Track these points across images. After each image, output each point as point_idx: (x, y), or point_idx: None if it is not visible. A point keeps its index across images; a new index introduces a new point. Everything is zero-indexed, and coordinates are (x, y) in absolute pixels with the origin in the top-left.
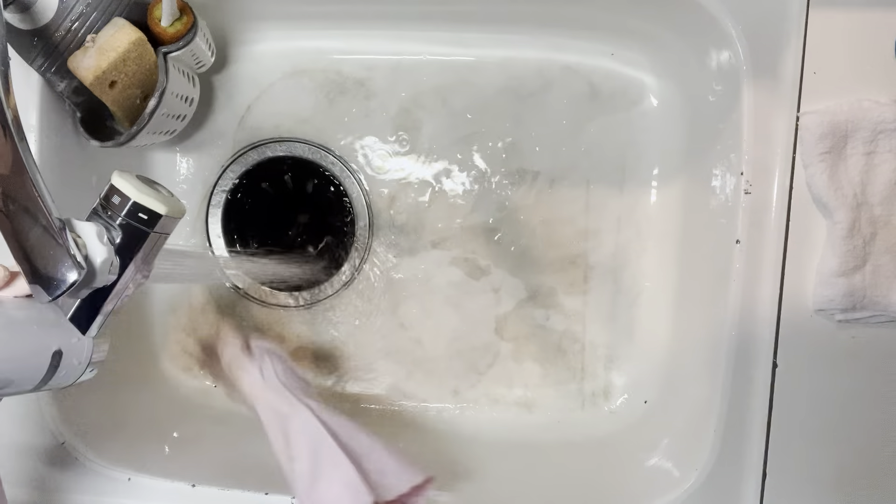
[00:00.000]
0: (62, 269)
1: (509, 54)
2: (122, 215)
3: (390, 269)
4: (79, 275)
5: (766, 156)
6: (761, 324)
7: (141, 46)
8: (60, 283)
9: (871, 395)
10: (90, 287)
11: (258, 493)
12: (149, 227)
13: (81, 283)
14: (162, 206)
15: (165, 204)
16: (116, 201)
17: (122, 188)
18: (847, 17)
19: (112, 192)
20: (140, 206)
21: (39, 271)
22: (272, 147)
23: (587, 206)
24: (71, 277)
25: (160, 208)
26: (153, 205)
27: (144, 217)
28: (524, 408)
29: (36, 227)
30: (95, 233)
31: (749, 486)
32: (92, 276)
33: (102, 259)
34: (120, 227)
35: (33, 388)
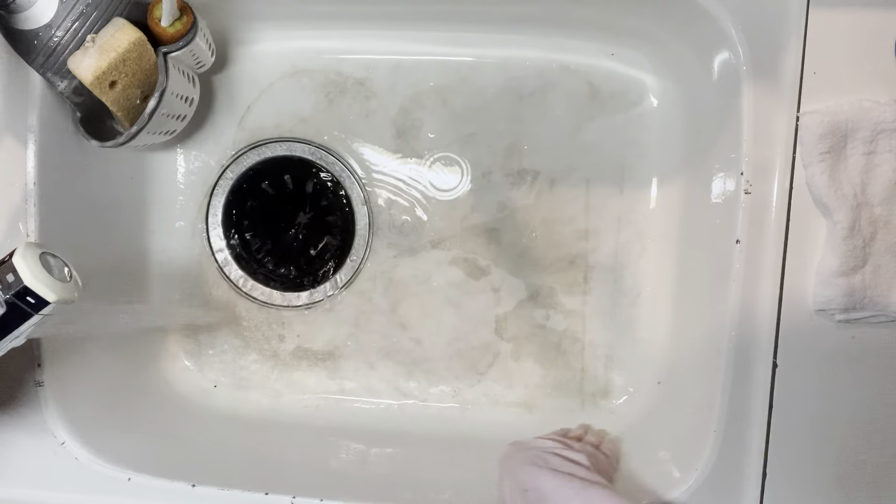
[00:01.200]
0: None
1: (509, 54)
2: (10, 294)
3: (390, 269)
4: None
5: (766, 156)
6: (761, 324)
7: (141, 46)
8: None
9: (871, 395)
10: None
11: (258, 493)
12: (34, 311)
13: None
14: (52, 293)
15: (56, 292)
16: (10, 279)
17: (18, 268)
18: (847, 17)
19: (8, 268)
20: (30, 291)
21: None
22: (272, 147)
23: (587, 206)
24: None
25: (49, 296)
26: (43, 292)
27: (32, 301)
28: (524, 408)
29: None
30: None
31: (749, 486)
32: None
33: None
34: (5, 303)
35: None
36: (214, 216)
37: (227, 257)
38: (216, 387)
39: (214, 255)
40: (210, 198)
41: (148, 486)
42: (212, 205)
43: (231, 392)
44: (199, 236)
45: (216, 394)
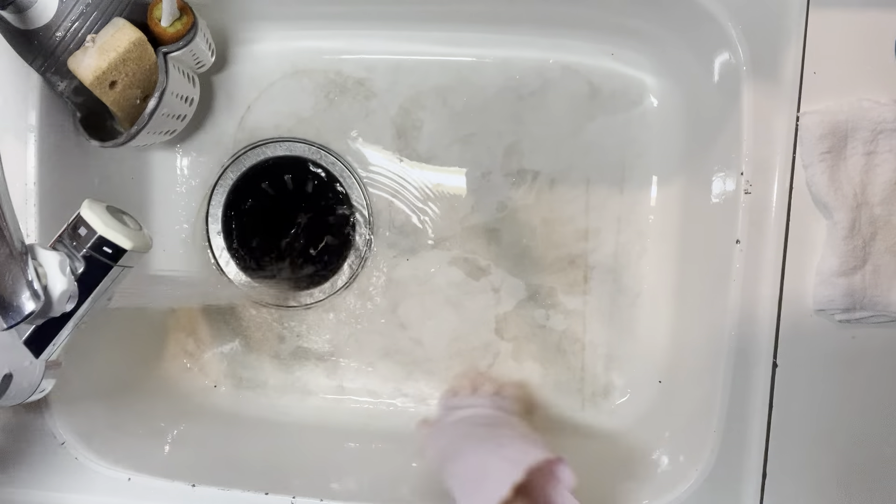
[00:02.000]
0: (20, 298)
1: (509, 54)
2: (86, 247)
3: (390, 269)
4: (36, 305)
5: (766, 156)
6: (761, 324)
7: (141, 46)
8: (17, 313)
9: (871, 395)
10: (46, 317)
11: (258, 493)
12: (112, 261)
13: (38, 313)
14: (127, 241)
15: (132, 239)
16: (83, 233)
17: (89, 220)
18: (847, 17)
19: (79, 222)
20: (105, 240)
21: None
22: (272, 147)
23: (587, 206)
24: (28, 308)
25: (125, 243)
26: (119, 239)
27: (109, 251)
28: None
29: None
30: (58, 262)
31: (749, 486)
32: (49, 307)
33: (62, 291)
34: (83, 258)
35: None
36: (214, 216)
37: (227, 257)
38: (216, 387)
39: (214, 254)
40: (210, 198)
41: (148, 486)
42: (212, 205)
43: (231, 392)
44: (200, 236)
45: (216, 394)
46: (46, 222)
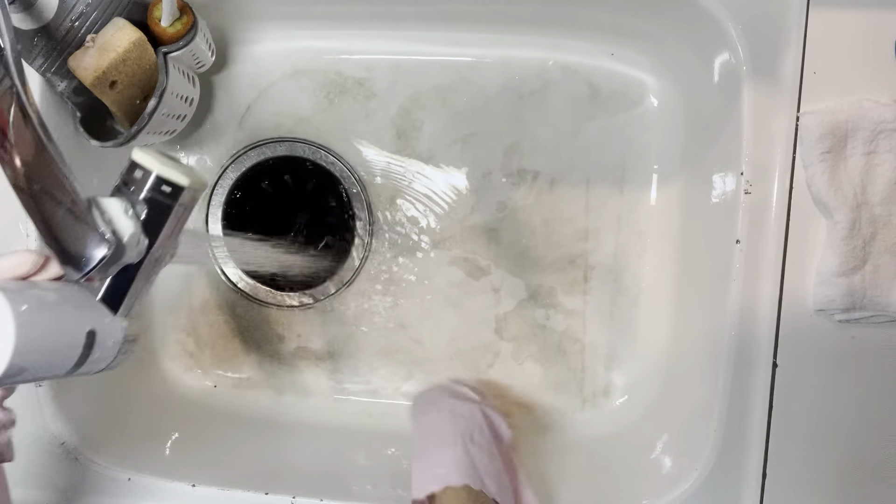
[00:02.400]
0: (90, 246)
1: (509, 54)
2: (145, 189)
3: (390, 268)
4: (108, 250)
5: (766, 156)
6: (761, 324)
7: (141, 46)
8: (89, 260)
9: (871, 395)
10: (119, 263)
11: (258, 493)
12: (172, 200)
13: (110, 259)
14: (184, 177)
15: (188, 175)
16: (139, 176)
17: (143, 163)
18: (847, 17)
19: (134, 167)
20: (163, 180)
21: (68, 250)
22: (272, 147)
23: (587, 206)
24: (100, 253)
25: (183, 180)
26: (176, 177)
27: (167, 190)
28: (524, 408)
29: (62, 206)
30: (121, 208)
31: (749, 486)
32: (121, 252)
33: (130, 233)
34: (144, 201)
35: (67, 372)
36: (214, 216)
37: (227, 257)
38: (216, 387)
39: (215, 255)
40: (210, 198)
41: (148, 486)
42: (212, 205)
43: (231, 392)
44: (199, 236)
45: (216, 394)
46: None
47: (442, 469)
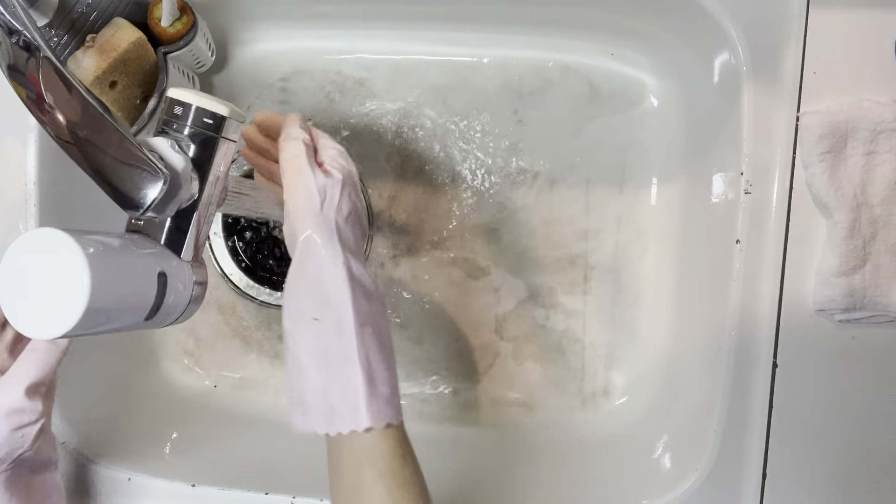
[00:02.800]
0: (146, 184)
1: (509, 54)
2: (188, 124)
3: (390, 268)
4: (164, 183)
5: (766, 156)
6: (761, 324)
7: (141, 46)
8: (148, 195)
9: (871, 394)
10: (176, 199)
11: (258, 493)
12: (216, 133)
13: (167, 193)
14: (224, 107)
15: (226, 105)
16: (178, 111)
17: (181, 97)
18: (847, 17)
19: (172, 104)
20: (203, 111)
21: (124, 192)
22: None
23: (587, 206)
24: (156, 189)
25: (223, 110)
26: (215, 107)
27: (209, 122)
28: (524, 408)
29: (111, 148)
30: (169, 144)
31: (749, 486)
32: (176, 185)
33: (182, 166)
34: (189, 136)
35: (146, 318)
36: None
37: (226, 257)
38: (216, 387)
39: (214, 255)
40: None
41: (148, 486)
42: None
43: (231, 392)
44: None
45: (216, 394)
46: (46, 222)
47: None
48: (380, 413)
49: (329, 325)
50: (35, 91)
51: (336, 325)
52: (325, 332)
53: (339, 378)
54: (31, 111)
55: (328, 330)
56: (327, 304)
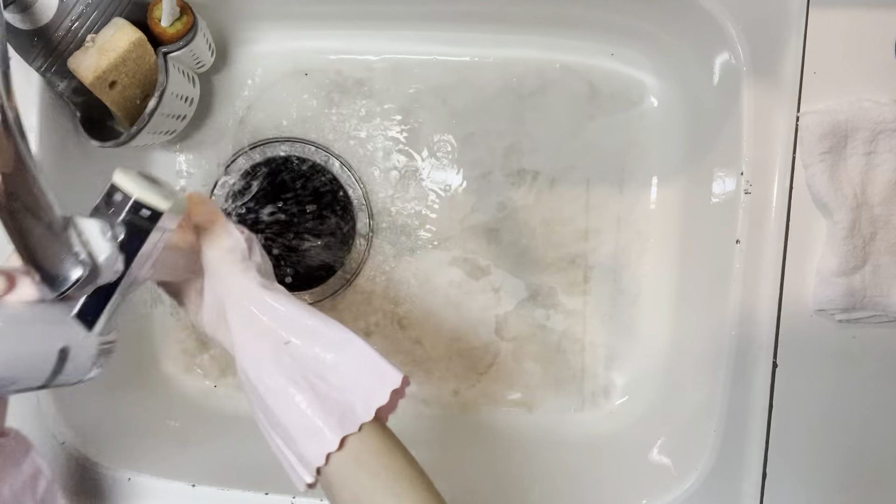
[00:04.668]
0: (66, 266)
1: (509, 54)
2: (124, 212)
3: (390, 269)
4: (83, 271)
5: (766, 156)
6: (761, 324)
7: (141, 46)
8: (65, 280)
9: (871, 395)
10: (94, 284)
11: (258, 493)
12: (150, 224)
13: (86, 279)
14: (163, 202)
15: (167, 199)
16: (118, 199)
17: (123, 186)
18: (847, 17)
19: (113, 189)
20: (141, 204)
21: (44, 269)
22: (272, 147)
23: (587, 206)
24: (75, 274)
25: (162, 205)
26: (155, 201)
27: (146, 214)
28: (524, 408)
29: (39, 224)
30: (98, 229)
31: (749, 486)
32: (96, 273)
33: (106, 256)
34: (122, 224)
35: (40, 385)
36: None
37: None
38: (216, 387)
39: None
40: (210, 197)
41: (148, 486)
42: None
43: (231, 392)
44: None
45: (216, 394)
46: None
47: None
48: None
49: (303, 343)
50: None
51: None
52: (301, 353)
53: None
54: None
55: (303, 349)
56: (291, 327)
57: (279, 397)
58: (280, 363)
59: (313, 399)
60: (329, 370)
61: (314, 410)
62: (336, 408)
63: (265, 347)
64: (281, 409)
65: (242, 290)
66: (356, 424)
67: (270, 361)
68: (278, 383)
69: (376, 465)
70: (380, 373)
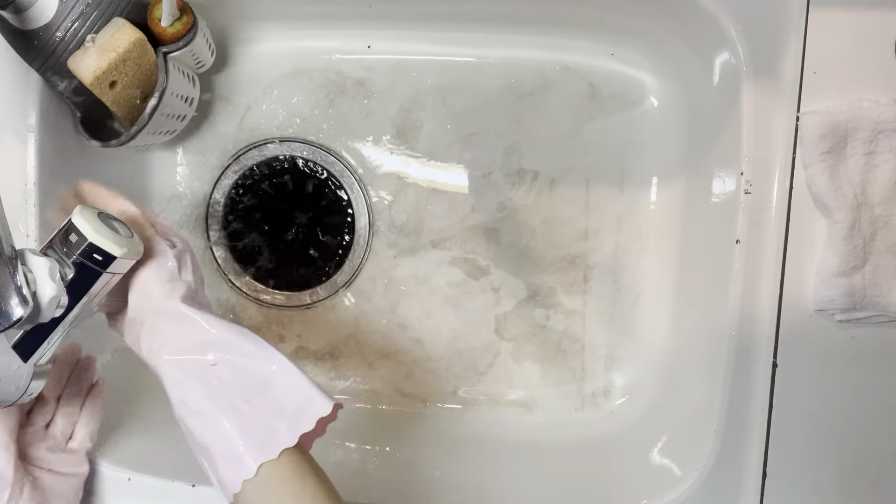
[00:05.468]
0: (9, 303)
1: (509, 54)
2: (76, 254)
3: (390, 269)
4: (24, 311)
5: (766, 156)
6: (761, 324)
7: (141, 46)
8: (5, 319)
9: (871, 395)
10: (34, 323)
11: None
12: (102, 268)
13: (27, 318)
14: (118, 248)
15: (122, 246)
16: (73, 239)
17: (80, 227)
18: (847, 17)
19: (70, 229)
20: (96, 247)
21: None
22: (272, 147)
23: (587, 206)
24: (16, 313)
25: (115, 251)
26: (109, 247)
27: (99, 258)
28: (524, 408)
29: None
30: (47, 269)
31: (749, 486)
32: (38, 313)
33: (51, 297)
34: (73, 264)
35: None
36: (214, 216)
37: (227, 257)
38: None
39: (214, 255)
40: (210, 198)
41: (148, 486)
42: (212, 205)
43: None
44: (200, 236)
45: None
46: (46, 222)
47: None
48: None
49: (231, 365)
50: None
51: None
52: (228, 374)
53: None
54: None
55: (230, 370)
56: (220, 349)
57: (203, 420)
58: (206, 384)
59: (236, 421)
60: (256, 393)
61: (237, 433)
62: (259, 432)
63: (191, 369)
64: (202, 431)
65: (168, 312)
66: (277, 450)
67: (196, 382)
68: (202, 406)
69: (285, 493)
70: (308, 398)
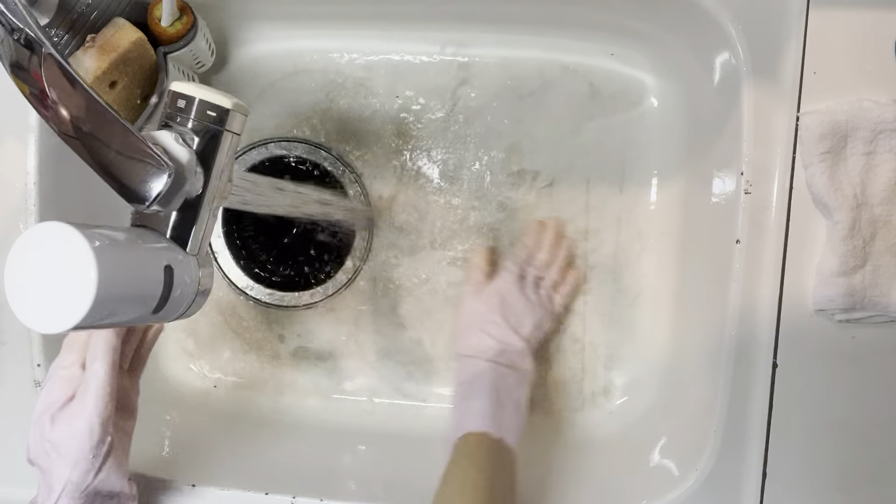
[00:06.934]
0: (151, 176)
1: (509, 54)
2: (191, 117)
3: (390, 269)
4: (169, 175)
5: (766, 156)
6: (761, 324)
7: (141, 46)
8: (153, 188)
9: (871, 395)
10: (182, 193)
11: (258, 493)
12: (220, 126)
13: (172, 186)
14: (227, 99)
15: (229, 97)
16: (182, 105)
17: (184, 91)
18: (847, 17)
19: (175, 97)
20: (207, 104)
21: (130, 185)
22: (272, 147)
23: (587, 206)
24: (161, 182)
25: (226, 102)
26: (219, 100)
27: (213, 114)
28: None
29: (115, 142)
30: (172, 137)
31: (749, 486)
32: (181, 178)
33: (187, 159)
34: (192, 130)
35: (155, 310)
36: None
37: (227, 257)
38: (216, 387)
39: (214, 255)
40: None
41: (148, 486)
42: None
43: (231, 392)
44: None
45: (216, 394)
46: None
47: (469, 418)
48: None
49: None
50: (38, 87)
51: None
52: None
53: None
54: (34, 107)
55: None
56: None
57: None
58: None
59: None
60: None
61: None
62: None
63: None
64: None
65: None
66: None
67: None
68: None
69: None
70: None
